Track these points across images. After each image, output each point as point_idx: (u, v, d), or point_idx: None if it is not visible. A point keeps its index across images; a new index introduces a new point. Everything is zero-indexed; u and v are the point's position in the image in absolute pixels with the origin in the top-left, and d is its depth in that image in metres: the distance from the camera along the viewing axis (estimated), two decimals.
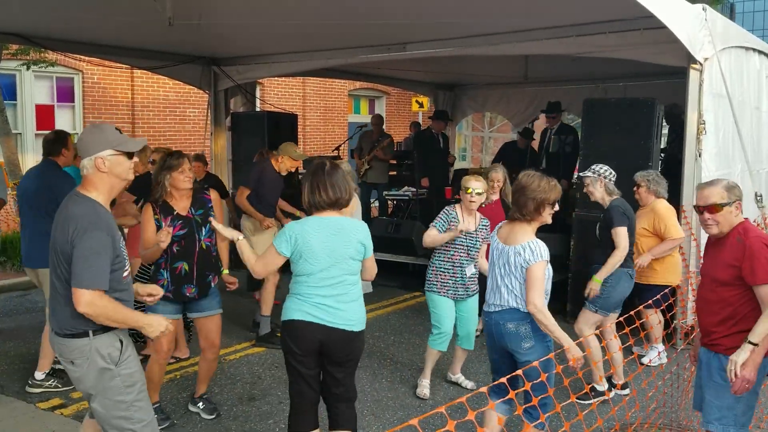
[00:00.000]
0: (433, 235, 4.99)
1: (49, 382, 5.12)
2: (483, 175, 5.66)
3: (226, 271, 4.63)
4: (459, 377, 5.44)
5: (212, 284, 4.53)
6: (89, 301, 2.85)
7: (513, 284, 3.58)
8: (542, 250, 3.50)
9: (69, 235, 2.88)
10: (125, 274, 3.06)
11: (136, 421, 3.09)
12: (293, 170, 6.63)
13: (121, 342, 3.07)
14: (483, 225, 5.10)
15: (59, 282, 2.97)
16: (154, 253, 4.31)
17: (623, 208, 4.94)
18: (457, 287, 5.03)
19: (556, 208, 3.61)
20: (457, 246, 4.98)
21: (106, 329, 3.00)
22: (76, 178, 5.39)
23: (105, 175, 3.01)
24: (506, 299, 3.62)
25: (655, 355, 5.71)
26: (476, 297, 5.17)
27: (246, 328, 6.62)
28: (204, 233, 4.46)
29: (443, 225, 4.99)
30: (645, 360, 5.68)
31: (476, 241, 5.03)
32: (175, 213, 4.40)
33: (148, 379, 4.51)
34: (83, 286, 2.84)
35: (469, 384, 5.37)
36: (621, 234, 4.84)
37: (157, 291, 3.40)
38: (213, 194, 4.66)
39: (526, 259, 3.50)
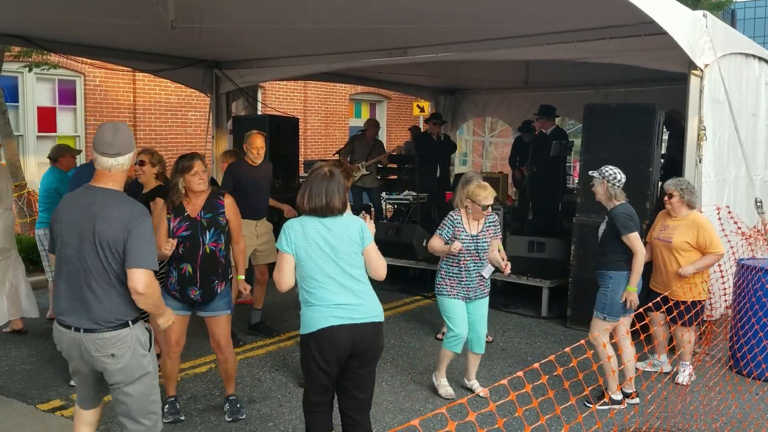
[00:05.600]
0: (436, 246, 5.04)
1: None
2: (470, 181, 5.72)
3: (240, 278, 4.60)
4: (473, 383, 5.33)
5: (218, 290, 4.51)
6: (148, 281, 3.04)
7: None
8: None
9: (124, 223, 3.02)
10: None
11: (159, 403, 3.37)
12: (263, 150, 6.41)
13: (148, 330, 3.28)
14: (490, 222, 5.09)
15: (102, 275, 3.05)
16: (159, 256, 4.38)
17: (628, 213, 4.90)
18: (467, 290, 5.03)
19: None
20: (469, 251, 4.98)
21: (138, 318, 3.20)
22: (63, 180, 5.38)
23: (127, 170, 3.23)
24: None
25: (688, 373, 5.47)
26: (486, 299, 5.15)
27: (243, 331, 6.62)
28: (208, 237, 4.45)
29: (449, 232, 5.00)
30: (681, 380, 5.40)
31: (483, 242, 5.02)
32: (185, 214, 4.43)
33: (163, 374, 4.67)
34: (144, 266, 3.03)
35: (482, 391, 5.12)
36: (634, 238, 4.81)
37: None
38: (228, 200, 4.60)
39: None
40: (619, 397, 4.91)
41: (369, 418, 3.70)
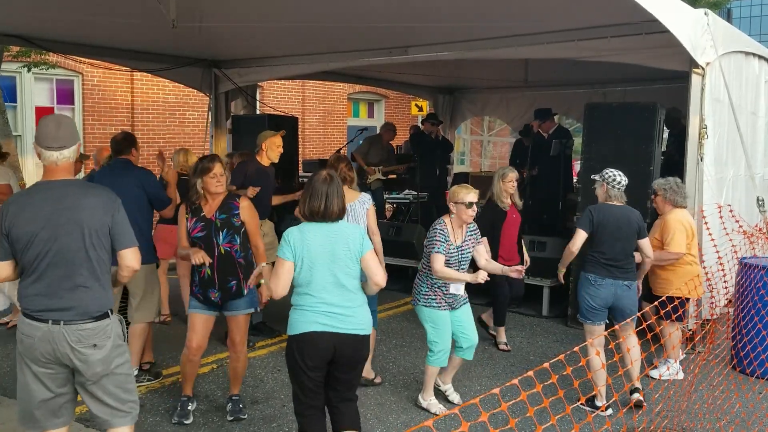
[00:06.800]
0: (448, 274, 4.66)
1: (143, 377, 5.37)
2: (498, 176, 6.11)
3: (263, 281, 4.31)
4: (448, 388, 5.19)
5: (243, 290, 4.50)
6: (139, 256, 3.22)
7: None
8: None
9: (108, 208, 3.12)
10: None
11: (136, 391, 3.37)
12: (281, 151, 6.38)
13: (120, 321, 3.29)
14: (471, 231, 4.86)
15: (86, 265, 3.06)
16: (186, 257, 4.49)
17: (589, 209, 4.97)
18: (452, 300, 4.83)
19: None
20: (450, 264, 4.73)
21: (111, 308, 3.23)
22: None
23: (74, 162, 3.24)
24: None
25: (665, 369, 5.48)
26: (469, 304, 4.96)
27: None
28: (222, 238, 4.45)
29: (443, 246, 4.67)
30: (655, 374, 5.46)
31: (467, 252, 4.83)
32: (201, 215, 4.47)
33: (183, 375, 4.71)
34: (134, 245, 3.20)
35: (456, 398, 5.14)
36: (575, 233, 4.98)
37: None
38: (244, 202, 4.57)
39: None
40: (599, 403, 4.72)
41: (356, 406, 3.74)
